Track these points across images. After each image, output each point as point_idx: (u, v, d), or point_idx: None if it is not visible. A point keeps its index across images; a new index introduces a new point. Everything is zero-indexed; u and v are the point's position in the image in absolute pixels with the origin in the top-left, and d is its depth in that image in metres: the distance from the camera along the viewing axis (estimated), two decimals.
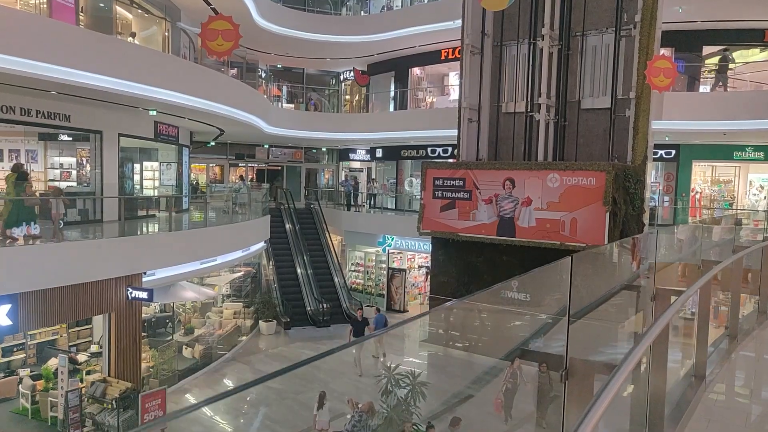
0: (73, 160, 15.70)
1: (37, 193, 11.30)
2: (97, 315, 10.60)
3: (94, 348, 12.85)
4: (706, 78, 18.96)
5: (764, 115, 14.78)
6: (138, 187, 17.25)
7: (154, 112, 14.21)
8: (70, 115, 13.27)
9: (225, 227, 14.32)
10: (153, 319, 15.15)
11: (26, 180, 11.34)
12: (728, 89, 16.92)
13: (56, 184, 14.48)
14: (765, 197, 18.89)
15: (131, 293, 10.47)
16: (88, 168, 15.10)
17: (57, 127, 13.32)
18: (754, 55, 18.33)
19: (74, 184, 14.82)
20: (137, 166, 17.33)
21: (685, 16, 16.29)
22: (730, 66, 17.70)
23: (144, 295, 10.44)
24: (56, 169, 15.22)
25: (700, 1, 15.27)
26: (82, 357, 12.41)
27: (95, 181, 14.46)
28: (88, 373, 11.59)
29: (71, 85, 10.60)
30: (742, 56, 18.70)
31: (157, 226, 14.58)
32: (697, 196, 18.84)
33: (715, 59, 17.79)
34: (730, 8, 15.72)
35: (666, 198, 18.42)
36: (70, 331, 13.16)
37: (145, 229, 14.01)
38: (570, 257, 2.84)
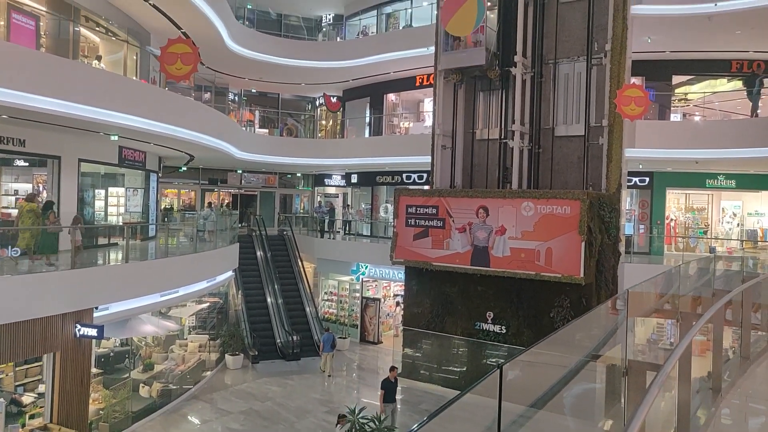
0: (29, 186, 14.97)
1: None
2: (40, 355, 9.82)
3: (42, 388, 11.94)
4: (677, 107, 19.19)
5: (733, 144, 14.89)
6: (101, 214, 16.52)
7: (116, 137, 13.66)
8: (24, 140, 12.68)
9: (188, 257, 13.67)
10: (111, 354, 14.26)
11: (51, 209, 11.41)
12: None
13: (9, 211, 13.76)
14: (738, 224, 18.99)
15: (79, 330, 9.75)
16: (45, 195, 14.38)
17: (10, 152, 12.68)
18: (722, 85, 18.66)
19: None
20: (101, 192, 16.64)
21: (654, 47, 16.50)
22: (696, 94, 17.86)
23: (93, 332, 9.73)
24: (11, 195, 14.50)
25: (668, 32, 15.47)
26: (27, 398, 11.49)
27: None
28: (32, 417, 10.70)
29: (23, 110, 10.07)
30: (710, 86, 19.02)
31: (120, 255, 13.83)
32: (672, 224, 18.84)
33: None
34: (698, 39, 15.97)
35: (641, 226, 18.37)
36: (17, 369, 12.23)
37: (104, 259, 13.27)
38: (500, 369, 2.30)
